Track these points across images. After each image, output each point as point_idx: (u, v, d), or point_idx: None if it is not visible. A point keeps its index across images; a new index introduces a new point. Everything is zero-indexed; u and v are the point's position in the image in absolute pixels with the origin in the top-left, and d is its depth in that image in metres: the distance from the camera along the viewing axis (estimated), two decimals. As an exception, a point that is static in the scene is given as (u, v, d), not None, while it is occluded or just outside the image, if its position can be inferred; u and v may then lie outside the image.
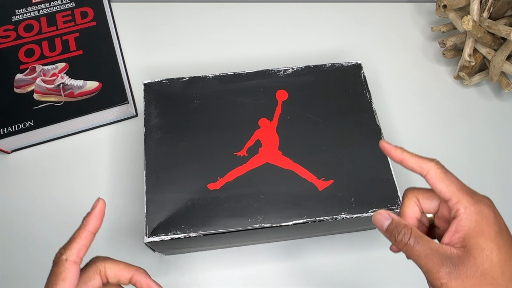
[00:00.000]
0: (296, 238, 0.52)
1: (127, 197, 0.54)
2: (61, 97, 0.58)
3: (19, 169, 0.56)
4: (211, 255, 0.52)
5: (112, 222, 0.53)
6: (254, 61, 0.65)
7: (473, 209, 0.31)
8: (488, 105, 0.63)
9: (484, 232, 0.30)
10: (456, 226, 0.31)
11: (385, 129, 0.59)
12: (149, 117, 0.50)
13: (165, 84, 0.52)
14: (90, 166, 0.56)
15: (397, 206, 0.45)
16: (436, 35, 0.69)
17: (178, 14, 0.70)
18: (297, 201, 0.45)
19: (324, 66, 0.54)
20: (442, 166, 0.33)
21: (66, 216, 0.53)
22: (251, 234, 0.45)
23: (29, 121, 0.56)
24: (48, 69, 0.60)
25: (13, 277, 0.50)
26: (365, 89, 0.52)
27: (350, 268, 0.51)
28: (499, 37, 0.58)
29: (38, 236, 0.52)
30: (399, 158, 0.34)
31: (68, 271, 0.31)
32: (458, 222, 0.31)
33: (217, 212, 0.45)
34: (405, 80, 0.64)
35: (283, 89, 0.52)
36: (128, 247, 0.52)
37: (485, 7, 0.57)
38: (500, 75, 0.60)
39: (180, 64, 0.65)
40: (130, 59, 0.65)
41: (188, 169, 0.47)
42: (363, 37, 0.68)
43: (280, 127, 0.50)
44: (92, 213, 0.34)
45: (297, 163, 0.47)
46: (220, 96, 0.51)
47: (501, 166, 0.58)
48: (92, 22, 0.65)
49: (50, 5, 0.67)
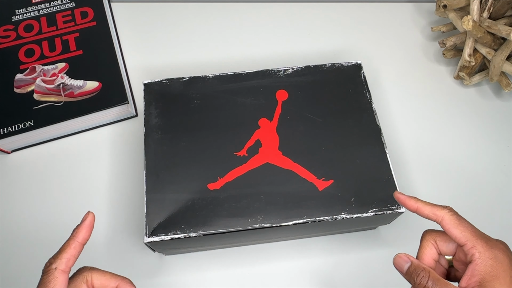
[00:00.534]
0: (296, 238, 0.52)
1: (127, 197, 0.54)
2: (61, 97, 0.58)
3: (19, 169, 0.56)
4: (211, 255, 0.52)
5: (112, 222, 0.53)
6: (254, 61, 0.65)
7: (488, 254, 0.32)
8: (488, 105, 0.63)
9: (499, 277, 0.31)
10: (472, 270, 0.32)
11: (385, 129, 0.59)
12: (149, 117, 0.50)
13: (165, 84, 0.52)
14: (90, 166, 0.56)
15: (397, 206, 0.45)
16: (436, 35, 0.69)
17: (178, 14, 0.70)
18: (297, 201, 0.45)
19: (324, 66, 0.54)
20: (455, 212, 0.35)
21: (66, 216, 0.53)
22: (251, 234, 0.45)
23: (29, 121, 0.56)
24: (48, 69, 0.60)
25: (13, 277, 0.50)
26: (365, 89, 0.52)
27: (350, 268, 0.51)
28: (499, 37, 0.58)
29: (38, 236, 0.52)
30: (414, 207, 0.36)
31: (57, 279, 0.32)
32: (474, 267, 0.32)
33: (217, 212, 0.45)
34: (405, 80, 0.64)
35: (283, 89, 0.52)
36: (128, 247, 0.52)
37: (485, 7, 0.57)
38: (500, 75, 0.60)
39: (180, 64, 0.65)
40: (130, 59, 0.65)
41: (188, 169, 0.47)
42: (363, 37, 0.68)
43: (280, 127, 0.50)
44: (82, 225, 0.36)
45: (297, 163, 0.47)
46: (220, 96, 0.51)
47: (501, 166, 0.58)
48: (92, 22, 0.65)
49: (50, 5, 0.67)
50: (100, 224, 0.53)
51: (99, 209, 0.54)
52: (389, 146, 0.57)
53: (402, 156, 0.58)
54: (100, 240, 0.52)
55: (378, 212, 0.45)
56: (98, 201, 0.54)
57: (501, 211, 0.55)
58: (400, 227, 0.53)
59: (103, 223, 0.53)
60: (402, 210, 0.45)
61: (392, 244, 0.52)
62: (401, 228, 0.53)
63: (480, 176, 0.57)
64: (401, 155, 0.58)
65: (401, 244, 0.52)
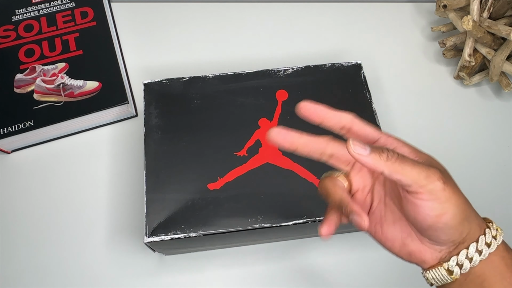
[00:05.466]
0: (296, 238, 0.52)
1: (127, 197, 0.54)
2: (61, 97, 0.58)
3: (19, 169, 0.56)
4: (211, 255, 0.52)
5: (112, 222, 0.53)
6: (254, 61, 0.65)
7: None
8: (488, 105, 0.63)
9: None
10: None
11: (385, 129, 0.59)
12: (149, 117, 0.50)
13: (165, 84, 0.52)
14: (90, 166, 0.56)
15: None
16: (436, 35, 0.69)
17: (178, 14, 0.70)
18: (297, 201, 0.45)
19: (324, 66, 0.54)
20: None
21: (66, 216, 0.53)
22: (251, 234, 0.45)
23: (29, 121, 0.56)
24: (48, 69, 0.60)
25: (13, 277, 0.50)
26: (365, 89, 0.52)
27: (350, 268, 0.51)
28: (499, 37, 0.58)
29: (38, 236, 0.52)
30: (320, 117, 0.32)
31: None
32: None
33: (217, 212, 0.45)
34: (405, 80, 0.64)
35: (283, 89, 0.52)
36: (128, 247, 0.52)
37: (485, 7, 0.57)
38: (500, 75, 0.60)
39: (180, 64, 0.65)
40: (130, 59, 0.65)
41: (188, 169, 0.47)
42: (363, 37, 0.68)
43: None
44: None
45: (297, 163, 0.47)
46: (220, 96, 0.51)
47: (501, 166, 0.58)
48: (92, 22, 0.65)
49: (50, 5, 0.67)
50: (100, 224, 0.53)
51: (99, 209, 0.54)
52: (389, 146, 0.57)
53: (402, 156, 0.58)
54: (100, 240, 0.52)
55: (378, 212, 0.45)
56: (98, 201, 0.54)
57: (501, 211, 0.55)
58: (400, 227, 0.53)
59: (103, 223, 0.53)
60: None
61: (392, 244, 0.52)
62: (401, 228, 0.53)
63: (480, 176, 0.57)
64: (401, 155, 0.58)
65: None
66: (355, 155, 0.27)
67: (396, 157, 0.27)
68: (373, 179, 0.34)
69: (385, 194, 0.33)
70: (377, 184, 0.34)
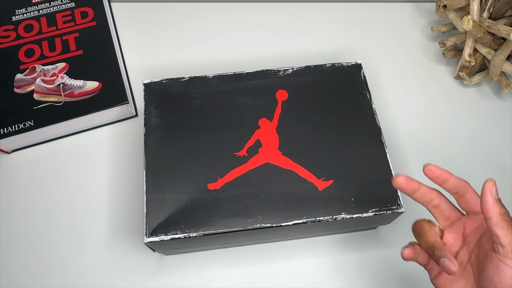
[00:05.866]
0: (296, 238, 0.52)
1: (127, 197, 0.54)
2: (61, 97, 0.58)
3: (19, 169, 0.56)
4: (211, 255, 0.52)
5: (112, 222, 0.53)
6: (254, 61, 0.65)
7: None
8: (488, 105, 0.63)
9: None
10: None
11: (385, 129, 0.59)
12: (149, 117, 0.50)
13: (165, 84, 0.52)
14: (90, 166, 0.56)
15: (397, 206, 0.45)
16: (436, 35, 0.69)
17: (178, 14, 0.70)
18: (297, 201, 0.45)
19: (324, 66, 0.54)
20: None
21: (66, 216, 0.53)
22: (251, 234, 0.45)
23: (29, 121, 0.56)
24: (48, 69, 0.60)
25: (13, 277, 0.50)
26: (365, 89, 0.52)
27: (350, 268, 0.51)
28: (499, 37, 0.58)
29: (38, 236, 0.52)
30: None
31: None
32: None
33: (217, 212, 0.45)
34: (405, 80, 0.64)
35: (283, 89, 0.52)
36: (128, 247, 0.52)
37: (485, 7, 0.57)
38: (500, 75, 0.60)
39: (180, 64, 0.65)
40: (130, 59, 0.65)
41: (188, 169, 0.47)
42: (363, 37, 0.68)
43: (280, 127, 0.50)
44: None
45: (297, 163, 0.47)
46: (220, 96, 0.51)
47: (501, 166, 0.58)
48: (92, 22, 0.65)
49: (50, 5, 0.67)
50: (100, 224, 0.53)
51: (99, 209, 0.54)
52: (389, 146, 0.57)
53: (402, 156, 0.58)
54: (100, 240, 0.52)
55: (378, 212, 0.45)
56: (98, 201, 0.54)
57: (501, 211, 0.55)
58: (400, 227, 0.53)
59: (103, 223, 0.53)
60: (402, 210, 0.45)
61: (392, 244, 0.52)
62: (401, 228, 0.53)
63: (480, 176, 0.57)
64: (401, 155, 0.58)
65: (401, 244, 0.51)
66: (488, 192, 0.32)
67: (509, 218, 0.31)
68: (463, 243, 0.37)
69: (469, 259, 0.36)
70: (465, 249, 0.36)
